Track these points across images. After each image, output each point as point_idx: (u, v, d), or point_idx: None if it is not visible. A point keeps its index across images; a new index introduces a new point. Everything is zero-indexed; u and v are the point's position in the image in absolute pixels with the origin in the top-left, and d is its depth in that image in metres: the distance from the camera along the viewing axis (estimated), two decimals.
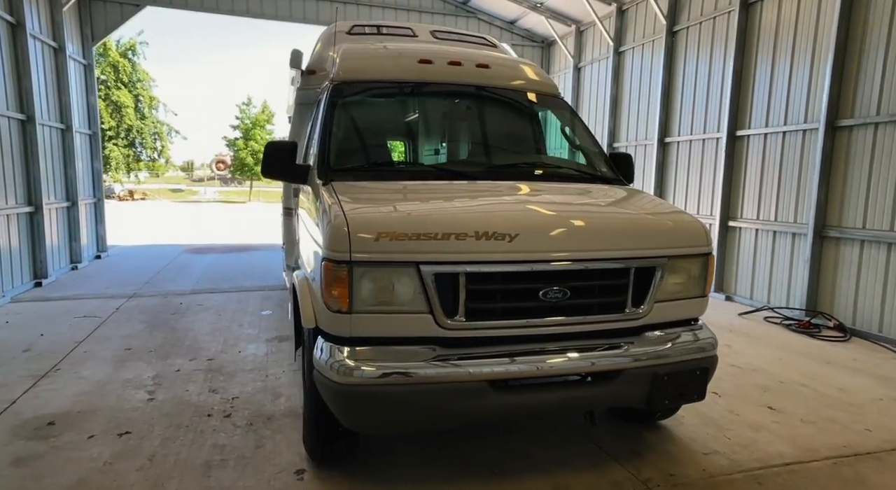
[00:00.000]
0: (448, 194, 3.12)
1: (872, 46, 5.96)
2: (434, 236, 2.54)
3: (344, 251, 2.50)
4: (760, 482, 2.99)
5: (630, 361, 2.72)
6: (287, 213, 5.61)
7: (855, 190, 6.17)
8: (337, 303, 2.54)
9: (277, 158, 3.53)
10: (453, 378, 2.51)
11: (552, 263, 2.63)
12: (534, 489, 2.87)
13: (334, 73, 3.90)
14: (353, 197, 2.88)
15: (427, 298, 2.53)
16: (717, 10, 7.99)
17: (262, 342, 5.36)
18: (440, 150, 3.95)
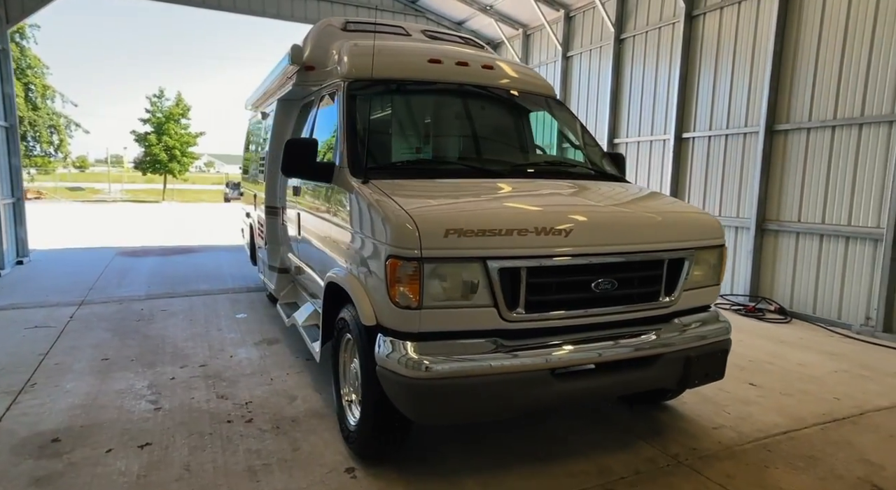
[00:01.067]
0: (492, 192, 3.23)
1: (804, 59, 6.69)
2: (498, 232, 2.65)
3: (414, 248, 2.55)
4: (770, 449, 3.34)
5: (669, 346, 2.97)
6: (272, 212, 5.47)
7: (791, 187, 6.90)
8: (406, 299, 2.58)
9: (299, 156, 3.49)
10: (520, 368, 2.63)
11: (602, 256, 2.82)
12: (579, 471, 3.05)
13: (345, 70, 3.89)
14: (404, 195, 2.92)
15: (492, 292, 2.64)
16: (662, 20, 8.59)
17: (250, 346, 5.19)
18: (459, 148, 4.03)
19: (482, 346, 2.65)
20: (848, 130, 6.29)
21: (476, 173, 3.60)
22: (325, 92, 4.26)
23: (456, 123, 4.10)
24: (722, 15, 7.69)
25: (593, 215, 2.93)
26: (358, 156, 3.42)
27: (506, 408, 2.71)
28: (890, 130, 5.90)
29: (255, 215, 6.41)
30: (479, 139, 4.05)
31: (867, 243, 6.15)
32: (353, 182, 3.24)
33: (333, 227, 3.47)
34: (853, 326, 6.24)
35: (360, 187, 3.12)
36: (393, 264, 2.60)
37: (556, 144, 4.32)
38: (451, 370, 2.55)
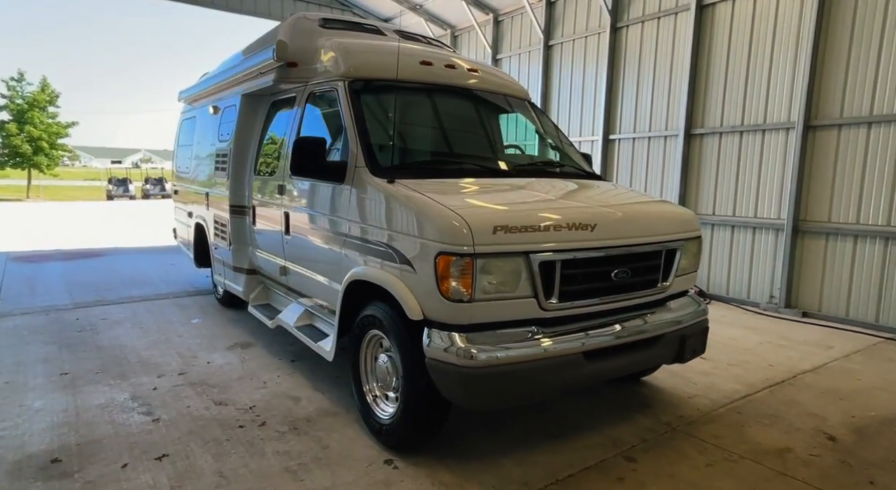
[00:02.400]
0: (515, 191, 3.45)
1: (715, 71, 7.58)
2: (538, 228, 2.89)
3: (467, 245, 2.71)
4: (739, 412, 3.89)
5: (671, 326, 3.38)
6: (238, 211, 5.30)
7: (706, 185, 7.80)
8: (459, 293, 2.75)
9: (309, 156, 3.51)
10: (561, 352, 2.89)
11: (620, 248, 3.15)
12: (595, 444, 3.38)
13: (343, 69, 3.92)
14: (441, 194, 3.07)
15: (533, 284, 2.87)
16: (588, 30, 9.26)
17: (223, 351, 5.00)
18: (464, 148, 4.19)
19: (526, 334, 2.88)
20: (753, 135, 7.25)
21: (488, 172, 3.80)
22: (314, 90, 4.24)
23: (455, 124, 4.26)
24: (643, 28, 8.47)
25: (610, 211, 3.26)
26: (375, 156, 3.49)
27: (548, 389, 2.96)
28: (787, 136, 6.89)
29: (207, 215, 6.11)
30: (477, 139, 4.25)
31: (770, 232, 7.14)
32: (376, 182, 3.32)
33: (350, 226, 3.51)
34: (760, 304, 7.22)
35: (389, 187, 3.21)
36: (445, 260, 2.75)
37: (536, 144, 4.60)
38: (502, 358, 2.75)
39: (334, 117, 4.12)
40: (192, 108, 7.23)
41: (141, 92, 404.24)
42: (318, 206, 3.94)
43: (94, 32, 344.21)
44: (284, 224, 4.44)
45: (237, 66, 5.38)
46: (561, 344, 2.91)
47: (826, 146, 6.58)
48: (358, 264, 3.44)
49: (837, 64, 6.41)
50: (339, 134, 3.99)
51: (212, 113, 6.12)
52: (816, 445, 3.42)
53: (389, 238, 3.12)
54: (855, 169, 6.36)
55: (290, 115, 4.61)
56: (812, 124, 6.64)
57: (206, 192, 6.14)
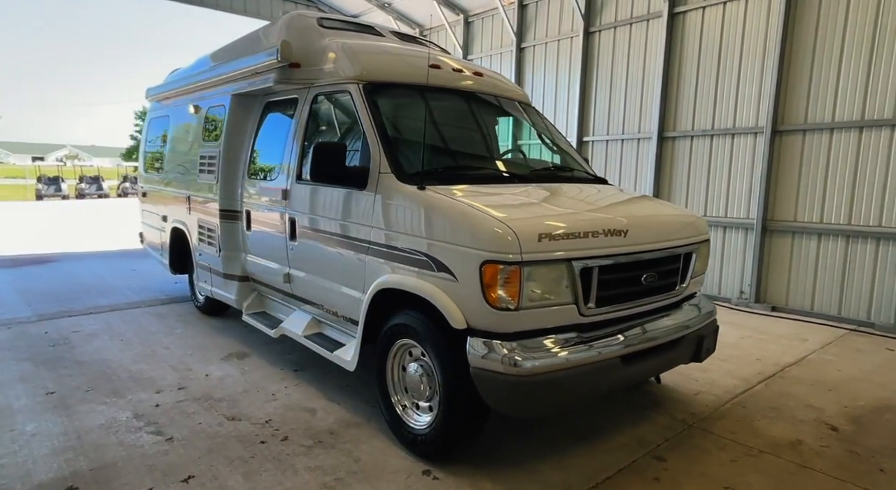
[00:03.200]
0: (547, 197, 3.47)
1: (686, 77, 7.89)
2: (578, 235, 2.92)
3: (514, 253, 2.72)
4: (744, 406, 4.08)
5: (691, 327, 3.50)
6: (229, 216, 5.10)
7: (678, 186, 8.10)
8: (505, 301, 2.75)
9: (329, 161, 3.42)
10: (602, 357, 2.94)
11: (649, 253, 3.24)
12: (622, 444, 3.46)
13: (356, 71, 3.84)
14: (479, 201, 3.06)
15: (574, 290, 2.91)
16: (561, 34, 9.43)
17: (219, 362, 4.80)
18: (483, 153, 4.17)
19: (570, 341, 2.91)
20: (723, 139, 7.59)
21: (509, 178, 3.80)
22: (320, 92, 4.13)
23: (469, 129, 4.24)
24: (616, 33, 8.70)
25: (637, 217, 3.34)
26: (400, 161, 3.44)
27: (590, 394, 3.01)
28: (755, 140, 7.25)
29: (189, 219, 5.84)
30: (491, 144, 4.24)
31: (740, 231, 7.50)
32: (405, 189, 3.27)
33: (374, 232, 3.43)
34: (732, 299, 7.58)
35: (421, 194, 3.17)
36: (491, 269, 2.74)
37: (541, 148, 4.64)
38: (548, 365, 2.77)
39: (346, 121, 4.04)
40: (163, 107, 6.88)
41: (69, 85, 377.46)
42: (332, 212, 3.83)
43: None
44: (289, 230, 4.30)
45: (225, 66, 5.15)
46: (602, 349, 2.95)
47: (792, 150, 6.97)
48: (384, 272, 3.38)
49: (802, 73, 6.79)
50: (350, 138, 3.91)
51: (192, 112, 5.84)
52: (823, 436, 3.63)
53: (425, 246, 3.08)
54: (818, 171, 6.77)
55: (290, 117, 4.47)
56: (779, 129, 7.01)
57: (187, 195, 5.86)
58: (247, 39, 5.31)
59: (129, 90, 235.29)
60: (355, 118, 3.80)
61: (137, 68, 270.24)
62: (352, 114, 3.83)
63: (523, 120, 4.65)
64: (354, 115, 3.80)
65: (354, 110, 3.73)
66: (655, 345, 3.24)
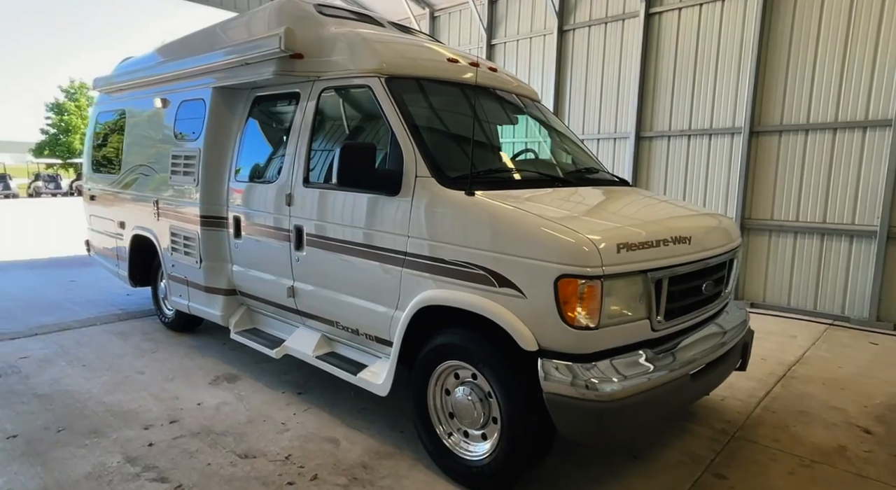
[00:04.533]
0: (603, 202, 3.25)
1: (663, 77, 7.94)
2: (652, 244, 2.72)
3: (594, 266, 2.48)
4: (773, 411, 4.04)
5: (743, 335, 3.39)
6: (212, 223, 4.57)
7: (655, 186, 8.16)
8: (585, 319, 2.50)
9: (358, 164, 3.06)
10: (679, 375, 2.75)
11: (708, 260, 3.09)
12: (678, 462, 3.29)
13: (374, 64, 3.47)
14: (540, 208, 2.79)
15: (648, 304, 2.70)
16: (533, 31, 9.29)
17: (208, 387, 4.28)
18: (508, 153, 3.88)
19: (647, 359, 2.70)
20: (701, 139, 7.69)
21: (553, 181, 3.55)
22: (329, 86, 3.74)
23: (497, 127, 3.95)
24: (590, 32, 8.65)
25: (693, 224, 3.18)
26: (439, 164, 3.11)
27: (666, 416, 2.82)
28: (732, 141, 7.39)
29: (158, 226, 5.22)
30: (520, 143, 3.97)
31: None
32: (450, 195, 2.95)
33: (413, 243, 3.09)
34: None
35: (472, 201, 2.87)
36: (569, 284, 2.48)
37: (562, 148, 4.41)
38: (634, 387, 2.55)
39: (362, 119, 3.67)
40: (116, 100, 6.16)
41: None
42: (353, 219, 3.44)
43: None
44: (294, 239, 3.86)
45: (202, 56, 4.59)
46: (677, 365, 2.77)
47: (768, 150, 7.14)
48: (426, 287, 3.04)
49: (777, 75, 6.96)
50: (369, 137, 3.54)
51: (159, 107, 5.22)
52: (861, 441, 3.62)
53: (483, 259, 2.77)
54: (794, 171, 6.97)
55: (289, 113, 4.02)
56: (756, 130, 7.17)
57: (154, 199, 5.23)
58: (225, 27, 4.78)
59: (41, 81, 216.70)
60: (376, 116, 3.44)
61: (54, 56, 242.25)
62: (372, 111, 3.46)
63: (540, 118, 4.41)
64: (375, 113, 3.44)
65: (378, 107, 3.36)
66: (717, 356, 3.10)
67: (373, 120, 3.56)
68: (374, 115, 3.49)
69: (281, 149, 4.09)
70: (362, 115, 3.70)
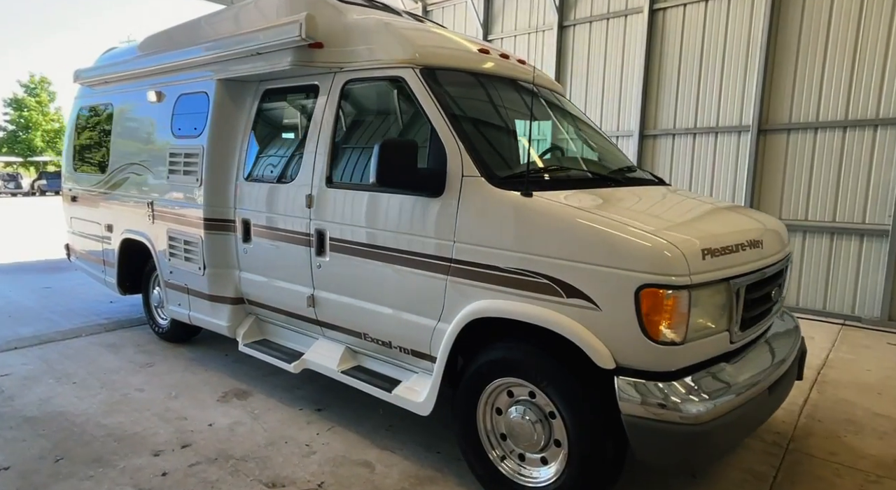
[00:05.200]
0: (667, 204, 3.04)
1: (667, 74, 7.81)
2: (732, 249, 2.51)
3: (681, 274, 2.25)
4: (819, 420, 3.89)
5: (798, 342, 3.21)
6: (218, 227, 4.22)
7: None
8: (670, 333, 2.27)
9: (400, 162, 2.77)
10: (760, 390, 2.54)
11: (777, 265, 2.89)
12: (739, 479, 3.08)
13: (406, 54, 3.19)
14: (608, 210, 2.55)
15: (729, 314, 2.49)
16: (531, 27, 9.08)
17: (216, 404, 3.93)
18: (564, 151, 3.62)
19: (732, 374, 2.49)
20: (707, 137, 7.58)
21: (605, 181, 3.31)
22: (354, 78, 3.44)
23: (541, 123, 3.69)
24: (591, 28, 8.48)
25: (759, 226, 2.98)
26: (488, 162, 2.85)
27: (748, 435, 2.60)
28: (739, 139, 7.29)
29: (153, 230, 4.83)
30: (563, 140, 3.72)
31: None
32: (504, 195, 2.69)
33: (460, 248, 2.82)
34: None
35: (530, 203, 2.61)
36: (653, 295, 2.25)
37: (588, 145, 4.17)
38: (724, 407, 2.32)
39: (395, 114, 3.38)
40: (100, 93, 5.72)
41: None
42: (389, 223, 3.15)
43: None
44: (316, 243, 3.55)
45: (204, 46, 4.22)
46: (758, 379, 2.56)
47: (777, 149, 7.06)
48: (477, 296, 2.77)
49: (786, 73, 6.88)
50: (402, 134, 3.26)
51: (153, 100, 4.83)
52: None
53: (547, 267, 2.52)
54: (803, 170, 6.90)
55: (308, 108, 3.71)
56: (764, 128, 7.08)
57: (148, 200, 4.84)
58: (231, 14, 4.42)
59: None
60: (409, 111, 3.17)
61: (9, 48, 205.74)
62: (404, 105, 3.18)
63: (573, 113, 4.18)
64: (409, 107, 3.16)
65: (413, 101, 3.08)
66: (787, 369, 2.90)
67: (404, 115, 3.28)
68: (407, 109, 3.22)
69: (297, 146, 3.77)
70: (393, 110, 3.40)
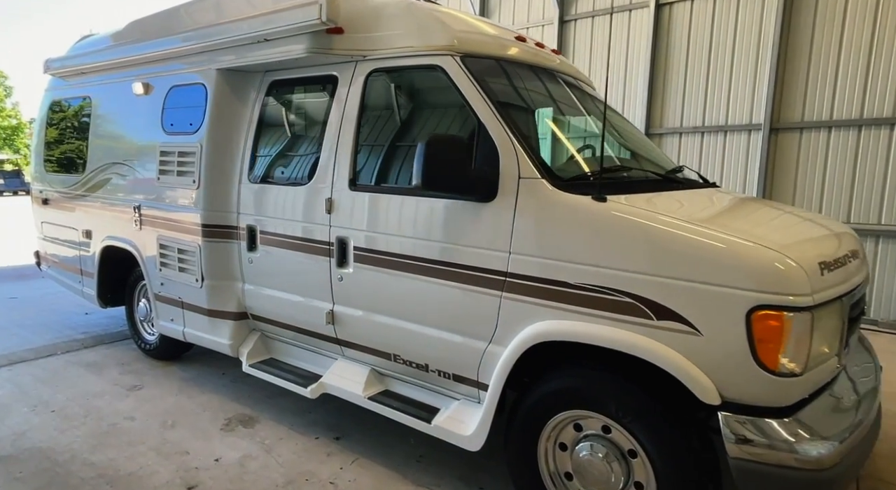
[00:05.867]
0: (749, 209, 2.72)
1: (673, 71, 7.59)
2: (840, 262, 2.21)
3: (802, 293, 1.94)
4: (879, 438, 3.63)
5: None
6: (218, 234, 3.78)
7: None
8: (790, 363, 1.95)
9: (450, 162, 2.41)
10: (873, 420, 2.26)
11: (867, 276, 2.61)
12: None
13: (444, 40, 2.82)
14: (699, 217, 2.23)
15: (840, 336, 2.19)
16: (530, 21, 8.78)
17: (221, 435, 3.48)
18: (617, 150, 3.27)
19: (848, 406, 2.19)
20: (715, 136, 7.37)
21: (671, 183, 2.97)
22: (378, 67, 3.05)
23: (584, 119, 3.34)
24: (594, 23, 8.21)
25: (851, 234, 2.69)
26: (548, 163, 2.50)
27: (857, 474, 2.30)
28: (749, 137, 7.10)
29: (140, 237, 4.34)
30: (615, 137, 3.36)
31: None
32: (573, 200, 2.34)
33: (518, 261, 2.45)
34: None
35: (605, 208, 2.26)
36: (768, 318, 1.92)
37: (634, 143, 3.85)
38: (846, 447, 2.02)
39: (430, 107, 3.02)
40: (75, 86, 5.19)
41: None
42: (430, 231, 2.76)
43: None
44: (337, 253, 3.14)
45: (205, 30, 3.76)
46: (867, 408, 2.27)
47: (789, 148, 6.88)
48: (541, 316, 2.41)
49: (799, 70, 6.70)
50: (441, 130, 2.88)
51: (140, 93, 4.33)
52: None
53: (628, 283, 2.17)
54: (816, 170, 6.73)
55: (325, 101, 3.31)
56: (775, 127, 6.89)
57: (135, 203, 4.35)
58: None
59: None
60: (449, 103, 2.81)
61: None
62: (442, 97, 2.82)
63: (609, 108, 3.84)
64: (449, 99, 2.79)
65: (456, 92, 2.70)
66: None
67: (441, 109, 2.91)
68: (445, 102, 2.85)
69: (312, 144, 3.36)
70: (428, 103, 3.03)
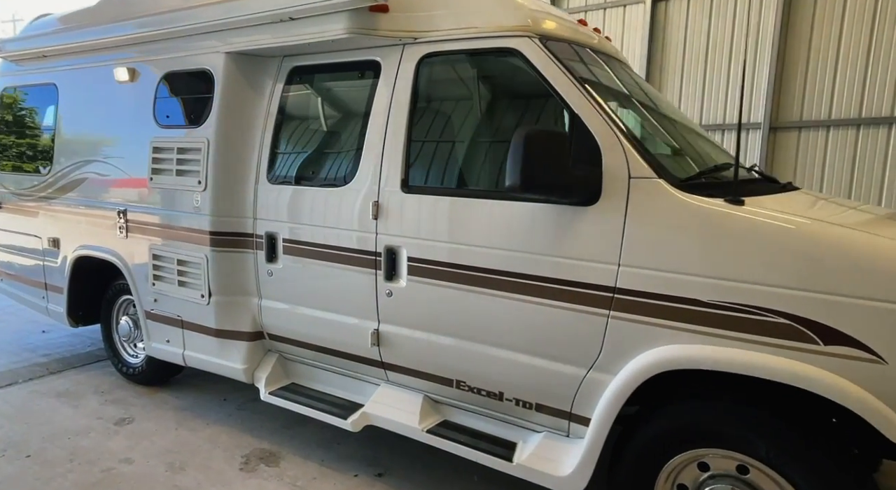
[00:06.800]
0: (867, 211, 2.45)
1: (670, 68, 7.48)
2: None
3: None
4: None
5: None
6: (228, 243, 3.29)
7: None
8: None
9: (551, 160, 2.06)
10: None
11: None
12: None
13: (518, 20, 2.46)
14: (853, 223, 1.96)
15: None
16: None
17: (244, 478, 2.99)
18: (693, 145, 2.96)
19: None
20: (713, 134, 7.29)
21: (770, 182, 2.71)
22: (434, 51, 2.66)
23: (659, 111, 3.01)
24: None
25: None
26: (661, 160, 2.17)
27: None
28: (748, 136, 7.06)
29: (125, 246, 3.76)
30: (688, 131, 3.06)
31: None
32: (699, 204, 2.02)
33: (633, 275, 2.12)
34: None
35: (744, 214, 1.96)
36: None
37: None
38: None
39: (503, 97, 2.64)
40: (36, 71, 4.50)
41: None
42: (513, 240, 2.38)
43: None
44: (385, 265, 2.72)
45: (211, 6, 3.24)
46: None
47: (787, 147, 6.88)
48: (663, 340, 2.08)
49: (797, 69, 6.70)
50: (519, 121, 2.52)
51: (123, 80, 3.75)
52: None
53: (782, 301, 1.87)
54: (815, 169, 6.75)
55: (365, 90, 2.88)
56: (774, 125, 6.87)
57: (119, 208, 3.76)
58: None
59: None
60: (527, 92, 2.45)
61: None
62: (518, 85, 2.46)
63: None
64: (525, 87, 2.43)
65: (541, 79, 2.34)
66: None
67: (511, 99, 2.56)
68: (517, 92, 2.49)
69: (350, 140, 2.92)
70: (496, 93, 2.66)
